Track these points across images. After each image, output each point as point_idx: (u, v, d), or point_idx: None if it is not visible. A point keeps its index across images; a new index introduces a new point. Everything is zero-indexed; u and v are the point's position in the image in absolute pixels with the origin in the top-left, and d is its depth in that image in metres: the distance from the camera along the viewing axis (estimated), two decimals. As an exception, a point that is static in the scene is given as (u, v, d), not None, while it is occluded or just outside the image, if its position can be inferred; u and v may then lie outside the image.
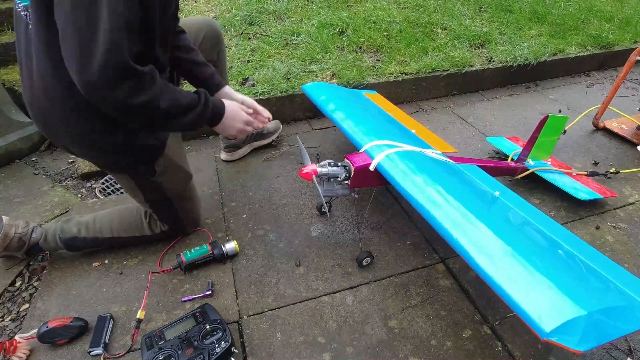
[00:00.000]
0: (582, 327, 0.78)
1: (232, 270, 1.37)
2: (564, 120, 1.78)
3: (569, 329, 0.77)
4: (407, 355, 1.12)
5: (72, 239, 1.33)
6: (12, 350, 1.07)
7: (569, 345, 0.75)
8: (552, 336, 0.76)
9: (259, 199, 1.69)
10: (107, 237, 1.36)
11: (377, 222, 1.58)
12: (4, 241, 1.28)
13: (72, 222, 1.35)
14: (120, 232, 1.37)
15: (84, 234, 1.34)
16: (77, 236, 1.33)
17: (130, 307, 1.24)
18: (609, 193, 1.70)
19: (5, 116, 1.87)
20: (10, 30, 2.19)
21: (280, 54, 2.51)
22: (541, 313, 0.80)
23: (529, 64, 2.68)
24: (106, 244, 1.39)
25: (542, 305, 0.82)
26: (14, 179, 1.80)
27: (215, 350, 1.02)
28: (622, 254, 1.45)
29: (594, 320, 0.80)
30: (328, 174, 1.29)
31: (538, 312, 0.80)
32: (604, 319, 0.82)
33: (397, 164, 1.24)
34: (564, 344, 0.75)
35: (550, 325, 0.77)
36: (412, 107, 2.47)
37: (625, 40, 3.11)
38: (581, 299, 0.84)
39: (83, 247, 1.38)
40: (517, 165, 1.76)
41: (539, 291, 0.85)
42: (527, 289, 0.85)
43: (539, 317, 0.79)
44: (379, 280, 1.34)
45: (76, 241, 1.34)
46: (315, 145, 2.05)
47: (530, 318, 0.80)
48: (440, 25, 2.98)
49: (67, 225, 1.34)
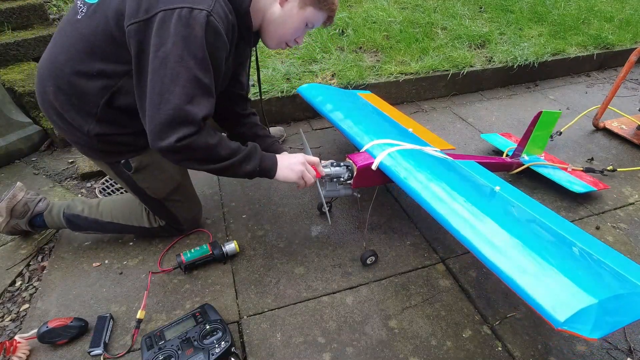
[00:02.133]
0: (594, 315, 0.79)
1: (232, 270, 1.37)
2: (556, 116, 1.80)
3: (582, 318, 0.78)
4: (407, 355, 1.12)
5: (75, 216, 1.37)
6: (12, 350, 1.07)
7: (583, 334, 0.75)
8: (566, 325, 0.77)
9: (259, 199, 1.69)
10: (107, 222, 1.38)
11: (377, 222, 1.58)
12: (11, 201, 1.34)
13: (79, 200, 1.42)
14: (119, 218, 1.39)
15: (87, 213, 1.37)
16: (79, 214, 1.37)
17: (130, 307, 1.24)
18: (602, 185, 1.72)
19: (5, 116, 1.87)
20: (10, 31, 2.19)
21: (280, 54, 2.51)
22: (554, 303, 0.80)
23: (529, 64, 2.69)
24: (105, 228, 1.40)
25: (555, 295, 0.83)
26: (14, 179, 1.80)
27: (215, 350, 1.02)
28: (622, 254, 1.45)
29: (605, 308, 0.81)
30: (331, 174, 1.29)
31: (551, 302, 0.81)
32: (614, 307, 0.83)
33: (400, 162, 1.25)
34: (578, 332, 0.76)
35: (563, 314, 0.78)
36: (412, 107, 2.47)
37: (625, 40, 3.11)
38: (591, 288, 0.85)
39: (83, 227, 1.39)
40: (513, 160, 1.78)
41: (550, 281, 0.86)
42: (538, 280, 0.86)
43: (552, 308, 0.80)
44: (378, 281, 1.34)
45: (78, 219, 1.37)
46: (316, 145, 2.05)
47: (544, 309, 0.80)
48: (440, 26, 2.98)
49: (73, 202, 1.40)
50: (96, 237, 1.47)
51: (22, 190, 1.38)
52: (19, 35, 2.17)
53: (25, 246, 1.46)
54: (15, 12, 2.22)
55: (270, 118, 2.22)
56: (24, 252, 1.44)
